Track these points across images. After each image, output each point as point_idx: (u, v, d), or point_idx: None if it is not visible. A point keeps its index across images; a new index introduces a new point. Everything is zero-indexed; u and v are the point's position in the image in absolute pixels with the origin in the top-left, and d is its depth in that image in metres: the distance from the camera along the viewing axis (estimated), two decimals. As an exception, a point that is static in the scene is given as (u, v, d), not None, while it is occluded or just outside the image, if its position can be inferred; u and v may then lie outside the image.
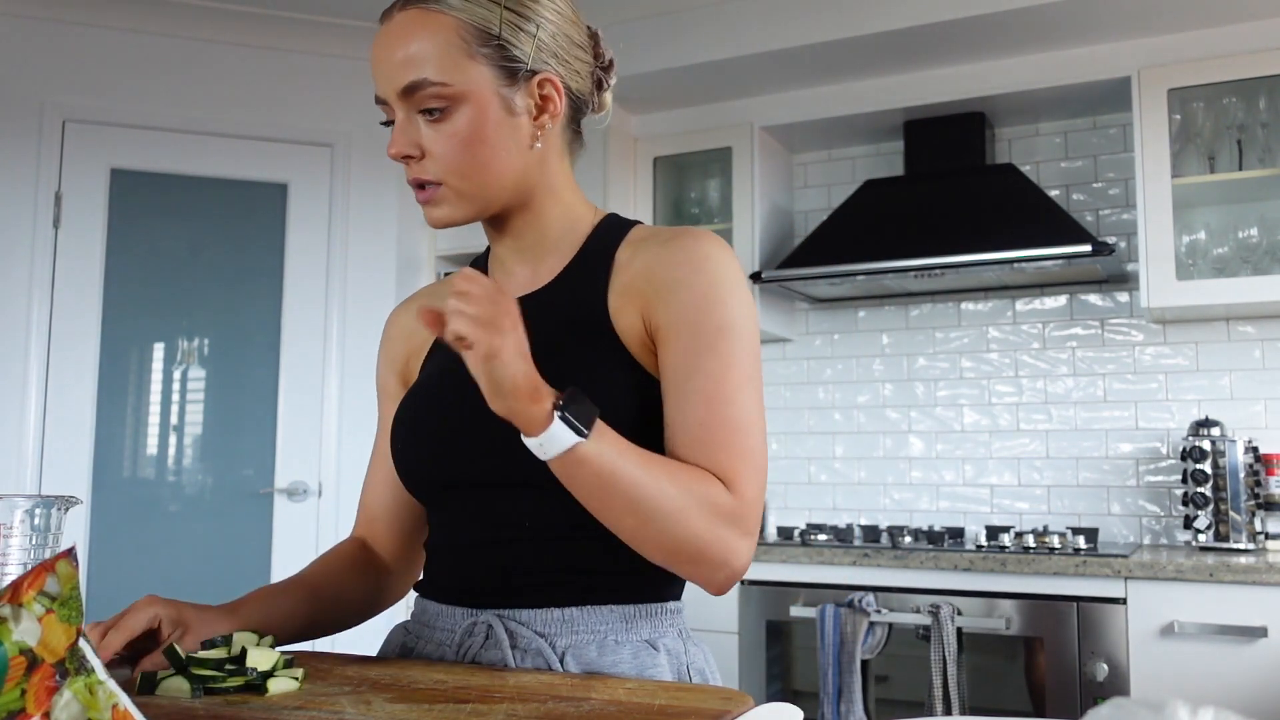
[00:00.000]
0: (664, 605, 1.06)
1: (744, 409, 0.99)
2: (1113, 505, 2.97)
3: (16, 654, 0.63)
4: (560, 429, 0.88)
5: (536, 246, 1.10)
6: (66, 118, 3.14)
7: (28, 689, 0.63)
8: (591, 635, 1.01)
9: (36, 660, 0.63)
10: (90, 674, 0.66)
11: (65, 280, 3.09)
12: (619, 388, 1.01)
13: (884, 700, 2.62)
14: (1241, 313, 2.79)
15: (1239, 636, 2.25)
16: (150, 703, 0.82)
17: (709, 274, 1.01)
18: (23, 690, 0.63)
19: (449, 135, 1.00)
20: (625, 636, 1.02)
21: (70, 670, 0.65)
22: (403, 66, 0.99)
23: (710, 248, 1.02)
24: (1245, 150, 2.74)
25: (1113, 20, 2.72)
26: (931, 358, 3.24)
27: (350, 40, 3.44)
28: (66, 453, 3.05)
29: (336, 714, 0.77)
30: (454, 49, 0.98)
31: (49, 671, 0.64)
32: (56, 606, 0.65)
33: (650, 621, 1.04)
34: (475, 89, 0.99)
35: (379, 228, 3.43)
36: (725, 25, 3.04)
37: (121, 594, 3.05)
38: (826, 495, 3.33)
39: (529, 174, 1.05)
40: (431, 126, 1.00)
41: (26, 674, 0.63)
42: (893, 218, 2.98)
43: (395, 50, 1.00)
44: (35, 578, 0.65)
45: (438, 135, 1.00)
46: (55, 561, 0.66)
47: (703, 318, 0.99)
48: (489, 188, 1.03)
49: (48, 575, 0.66)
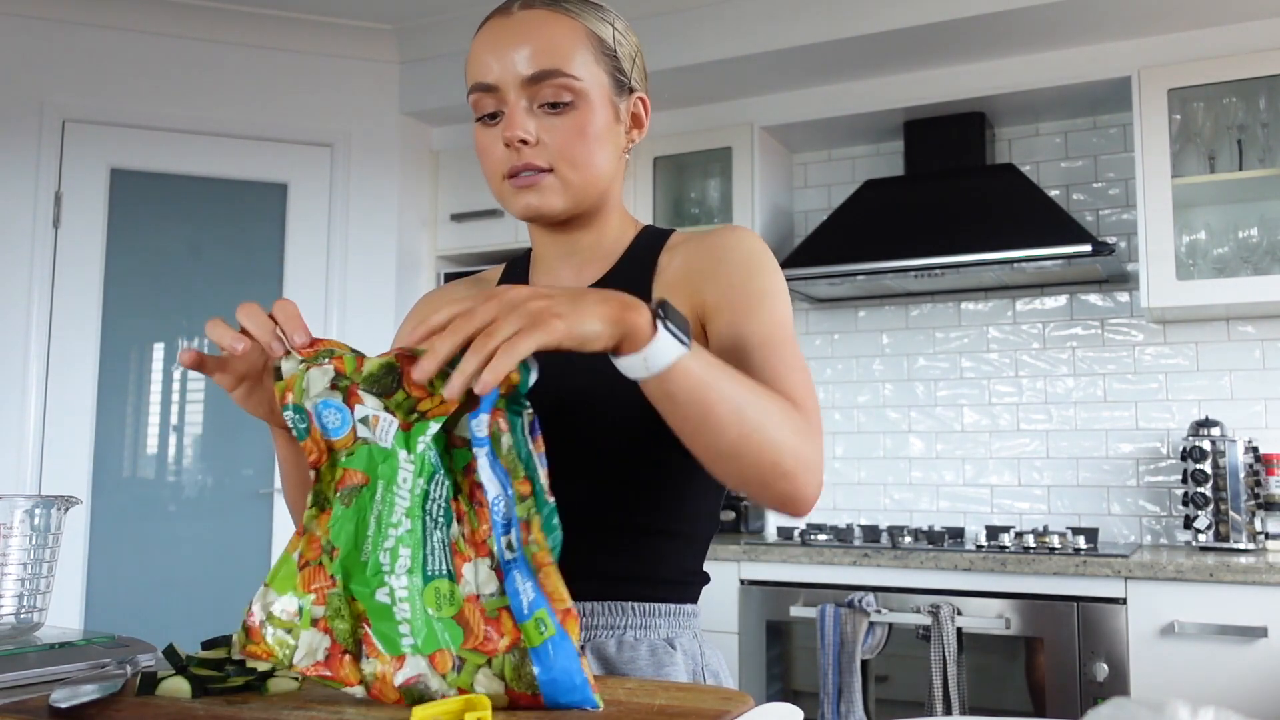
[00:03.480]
0: (681, 607, 1.08)
1: (796, 356, 1.01)
2: (1113, 505, 2.97)
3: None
4: (666, 340, 0.82)
5: (588, 251, 1.13)
6: (66, 118, 3.14)
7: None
8: (611, 631, 1.03)
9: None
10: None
11: (65, 280, 3.09)
12: None
13: (884, 700, 2.62)
14: (1241, 313, 2.79)
15: (1239, 636, 2.25)
16: (150, 703, 0.82)
17: (745, 250, 1.06)
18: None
19: (569, 128, 1.03)
20: (643, 634, 1.03)
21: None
22: (536, 55, 1.02)
23: (744, 233, 1.09)
24: (1245, 150, 2.74)
25: (1113, 20, 2.72)
26: (931, 358, 3.24)
27: (350, 40, 3.44)
28: (66, 453, 3.05)
29: (336, 714, 0.77)
30: (585, 48, 1.04)
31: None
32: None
33: (668, 621, 1.06)
34: (598, 89, 1.05)
35: (379, 228, 3.43)
36: (725, 25, 3.04)
37: (122, 594, 3.06)
38: (826, 495, 3.33)
39: (615, 182, 1.11)
40: (551, 117, 1.03)
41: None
42: (893, 218, 2.98)
43: (526, 40, 1.03)
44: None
45: (557, 125, 1.03)
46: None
47: (748, 285, 1.03)
48: (591, 184, 1.07)
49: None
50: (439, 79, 3.43)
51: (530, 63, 1.02)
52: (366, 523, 0.77)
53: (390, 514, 0.76)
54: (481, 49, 1.05)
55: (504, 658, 0.75)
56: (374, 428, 0.77)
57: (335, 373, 0.78)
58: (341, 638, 0.76)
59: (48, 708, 0.77)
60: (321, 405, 0.78)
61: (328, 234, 3.36)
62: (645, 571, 1.05)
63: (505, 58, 1.03)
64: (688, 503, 1.07)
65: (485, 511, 0.77)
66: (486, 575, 0.76)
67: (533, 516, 0.78)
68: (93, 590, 3.02)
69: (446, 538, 0.77)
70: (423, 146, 3.62)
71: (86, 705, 0.78)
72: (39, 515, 1.15)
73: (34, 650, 1.03)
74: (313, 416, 0.78)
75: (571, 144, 1.03)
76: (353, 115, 3.43)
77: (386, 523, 0.76)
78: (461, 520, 0.77)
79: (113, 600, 3.04)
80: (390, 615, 0.76)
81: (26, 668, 0.96)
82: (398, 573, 0.76)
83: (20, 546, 1.12)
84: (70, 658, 1.00)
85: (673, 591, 1.07)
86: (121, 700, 0.82)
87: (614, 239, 1.13)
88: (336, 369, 0.78)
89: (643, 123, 1.12)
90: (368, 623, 0.76)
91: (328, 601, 0.77)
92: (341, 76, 3.43)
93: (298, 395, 0.79)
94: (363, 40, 3.46)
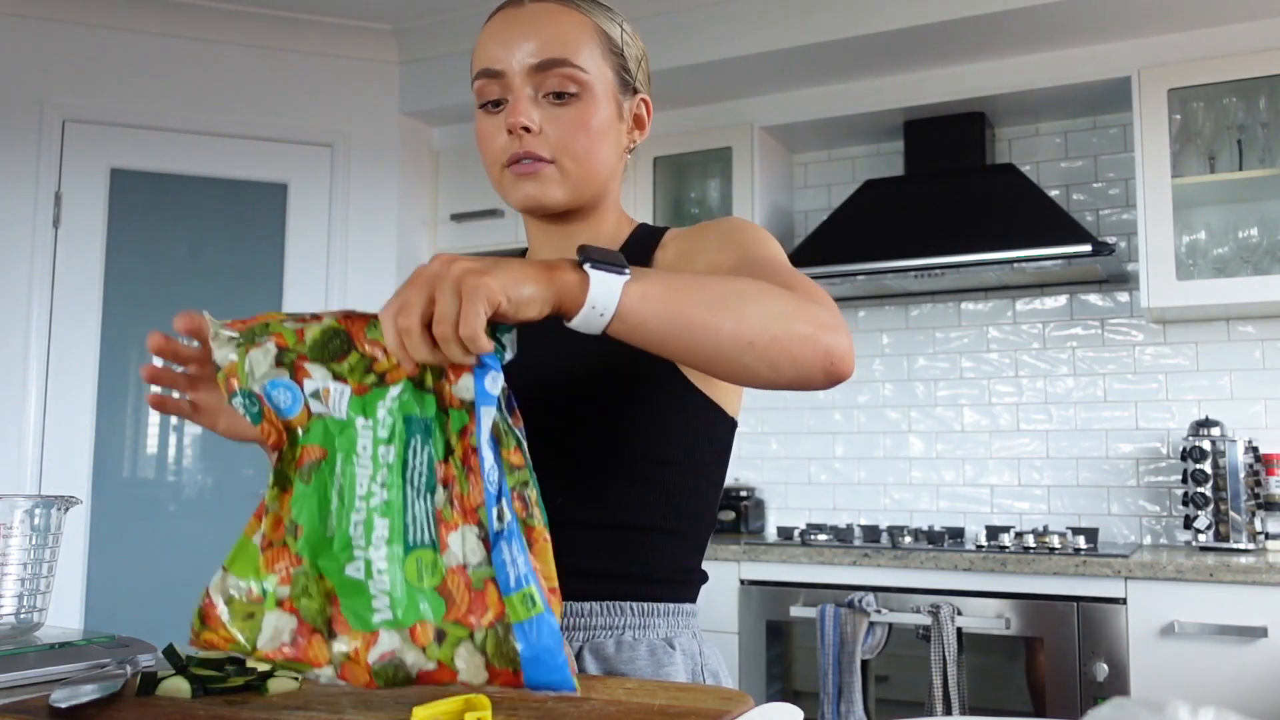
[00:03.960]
0: (680, 606, 1.08)
1: (797, 274, 0.94)
2: (1113, 505, 2.97)
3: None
4: (601, 277, 0.77)
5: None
6: (66, 118, 3.14)
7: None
8: (610, 632, 1.03)
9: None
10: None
11: (65, 280, 3.09)
12: (659, 379, 1.03)
13: (884, 700, 2.62)
14: (1241, 313, 2.79)
15: (1239, 636, 2.25)
16: (150, 703, 0.82)
17: (733, 223, 1.06)
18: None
19: (572, 119, 1.04)
20: (642, 634, 1.03)
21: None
22: (544, 45, 1.03)
23: (735, 217, 1.10)
24: (1245, 150, 2.74)
25: (1113, 20, 2.72)
26: (931, 358, 3.24)
27: (350, 40, 3.44)
28: (66, 453, 3.05)
29: (336, 714, 0.77)
30: (594, 43, 1.06)
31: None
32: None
33: (667, 621, 1.06)
34: (603, 84, 1.06)
35: (379, 228, 3.43)
36: (725, 25, 3.04)
37: (121, 594, 3.06)
38: (827, 495, 3.33)
39: (614, 179, 1.11)
40: (556, 108, 1.04)
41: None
42: (893, 218, 2.98)
43: (535, 30, 1.03)
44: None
45: (560, 116, 1.04)
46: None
47: (735, 237, 1.02)
48: (590, 178, 1.07)
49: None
50: (439, 79, 3.43)
51: (538, 52, 1.02)
52: (329, 498, 0.75)
53: (353, 485, 0.75)
54: (489, 37, 1.05)
55: (487, 632, 0.73)
56: (326, 400, 0.76)
57: (277, 348, 0.76)
58: (309, 616, 0.75)
59: (48, 708, 0.77)
60: (270, 386, 0.76)
61: (328, 234, 3.36)
62: (643, 570, 1.05)
63: (513, 45, 1.03)
64: (684, 500, 1.07)
65: (478, 478, 0.74)
66: (474, 545, 0.74)
67: (527, 490, 0.77)
68: (93, 590, 3.02)
69: (430, 506, 0.75)
70: (423, 146, 3.62)
71: (86, 705, 0.78)
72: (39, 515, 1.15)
73: (34, 650, 1.03)
74: (263, 399, 0.77)
75: (574, 135, 1.04)
76: (353, 115, 3.43)
77: (352, 494, 0.75)
78: (449, 485, 0.75)
79: (113, 600, 3.04)
80: (362, 590, 0.74)
81: (26, 668, 0.96)
82: (375, 544, 0.74)
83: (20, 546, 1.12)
84: (70, 658, 1.00)
85: (671, 590, 1.07)
86: (121, 700, 0.82)
87: (610, 236, 1.13)
88: (278, 344, 0.77)
89: (644, 124, 1.13)
90: (337, 600, 0.75)
91: (294, 581, 0.75)
92: (341, 76, 3.43)
93: (243, 380, 0.77)
94: (363, 40, 3.46)
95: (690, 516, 1.08)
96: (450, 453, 0.75)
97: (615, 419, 1.02)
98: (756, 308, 0.83)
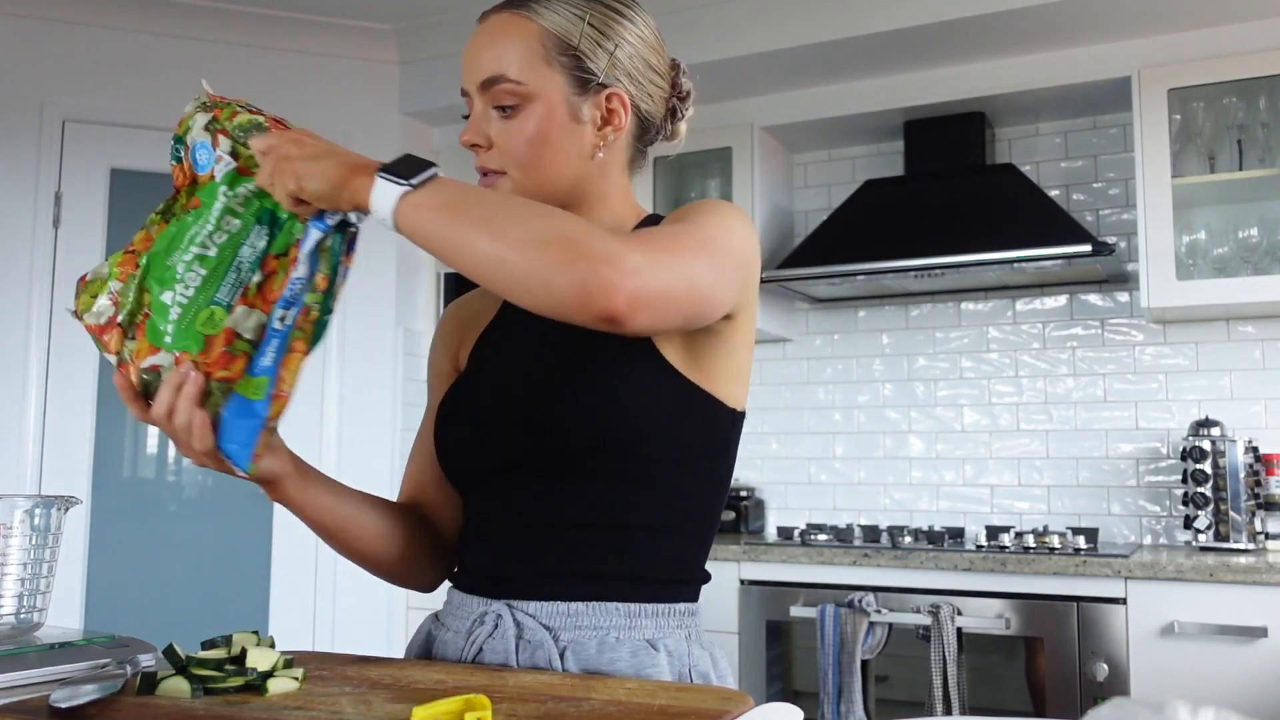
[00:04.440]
0: (673, 606, 1.06)
1: (698, 236, 0.96)
2: (1113, 505, 2.97)
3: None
4: (383, 186, 0.89)
5: None
6: (66, 118, 3.14)
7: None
8: (593, 632, 1.01)
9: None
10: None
11: (65, 280, 3.09)
12: (639, 372, 1.02)
13: (884, 700, 2.62)
14: (1241, 313, 2.79)
15: (1239, 636, 2.25)
16: (150, 703, 0.82)
17: (704, 203, 1.05)
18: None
19: (517, 131, 1.06)
20: (626, 635, 1.02)
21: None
22: (486, 62, 1.07)
23: (712, 199, 1.08)
24: (1245, 150, 2.74)
25: (1113, 20, 2.72)
26: (931, 358, 3.24)
27: (350, 40, 3.44)
28: (66, 453, 3.05)
29: (336, 714, 0.77)
30: (534, 53, 1.06)
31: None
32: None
33: (655, 621, 1.04)
34: (546, 92, 1.06)
35: (379, 228, 3.43)
36: (725, 25, 3.04)
37: (121, 594, 3.06)
38: (826, 495, 3.33)
39: (587, 180, 1.11)
40: (503, 121, 1.06)
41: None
42: (893, 218, 2.99)
43: (483, 48, 1.08)
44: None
45: (507, 130, 1.06)
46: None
47: (685, 214, 1.02)
48: (546, 185, 1.08)
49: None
50: (439, 79, 3.43)
51: (481, 70, 1.07)
52: (182, 237, 0.94)
53: (197, 235, 0.94)
54: (463, 54, 1.10)
55: (216, 384, 0.91)
56: (218, 165, 0.95)
57: (212, 118, 0.96)
58: (122, 313, 0.95)
59: (48, 708, 0.77)
60: (197, 146, 0.97)
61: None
62: (629, 570, 1.03)
63: (469, 64, 1.08)
64: (674, 499, 1.05)
65: (286, 281, 0.92)
66: (253, 325, 0.92)
67: (314, 310, 0.92)
68: (93, 590, 3.01)
69: (242, 280, 0.93)
70: (423, 146, 3.62)
71: (86, 705, 0.78)
72: (39, 515, 1.15)
73: (34, 650, 1.03)
74: (189, 150, 0.98)
75: (518, 147, 1.06)
76: (353, 115, 3.43)
77: (191, 240, 0.94)
78: (268, 275, 0.93)
79: (113, 600, 3.03)
80: (165, 314, 0.92)
81: (26, 668, 0.96)
82: (187, 284, 0.93)
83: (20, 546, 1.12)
84: (70, 658, 1.00)
85: (662, 590, 1.05)
86: (121, 700, 0.82)
87: (611, 228, 1.13)
88: (215, 115, 0.96)
89: (617, 119, 1.09)
90: (148, 313, 0.94)
91: (127, 281, 0.95)
92: (341, 76, 3.43)
93: (182, 131, 0.99)
94: (363, 40, 3.46)
95: (684, 514, 1.06)
96: (284, 255, 0.93)
97: (597, 418, 1.01)
98: (521, 228, 0.86)
